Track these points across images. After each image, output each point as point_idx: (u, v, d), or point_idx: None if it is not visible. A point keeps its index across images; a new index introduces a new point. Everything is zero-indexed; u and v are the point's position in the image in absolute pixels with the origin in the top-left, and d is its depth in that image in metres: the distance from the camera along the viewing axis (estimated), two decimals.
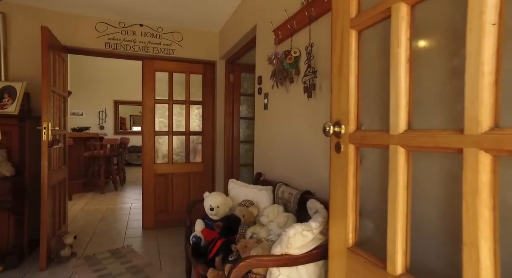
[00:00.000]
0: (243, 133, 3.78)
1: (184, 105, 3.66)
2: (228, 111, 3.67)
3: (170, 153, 3.60)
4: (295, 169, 1.83)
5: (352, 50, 0.98)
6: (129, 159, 9.32)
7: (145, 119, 3.50)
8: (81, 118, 8.72)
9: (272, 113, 2.14)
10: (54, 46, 2.65)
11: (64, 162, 3.01)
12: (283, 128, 1.98)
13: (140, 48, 3.35)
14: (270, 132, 2.18)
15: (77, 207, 4.48)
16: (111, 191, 5.68)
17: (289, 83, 1.80)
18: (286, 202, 1.73)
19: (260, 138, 2.38)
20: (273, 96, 2.11)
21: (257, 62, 2.43)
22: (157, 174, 3.55)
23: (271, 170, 2.17)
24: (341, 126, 1.02)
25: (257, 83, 2.39)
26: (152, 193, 3.53)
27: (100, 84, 9.07)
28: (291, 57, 1.74)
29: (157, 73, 3.52)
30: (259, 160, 2.40)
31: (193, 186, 3.70)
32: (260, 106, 2.34)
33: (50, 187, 2.49)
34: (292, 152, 1.86)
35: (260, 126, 2.38)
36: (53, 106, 2.63)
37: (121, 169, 6.30)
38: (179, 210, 3.64)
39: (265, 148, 2.27)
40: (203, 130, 3.74)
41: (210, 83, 3.74)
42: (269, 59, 1.97)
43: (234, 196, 2.10)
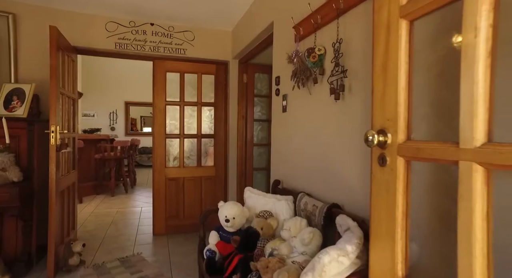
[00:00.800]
0: (256, 136, 3.63)
1: (196, 107, 3.54)
2: (241, 113, 3.53)
3: (181, 156, 3.48)
4: (319, 178, 1.66)
5: (401, 44, 0.82)
6: (140, 160, 9.30)
7: (156, 122, 3.39)
8: (93, 119, 8.75)
9: (292, 116, 1.98)
10: (63, 46, 2.56)
11: (73, 165, 2.92)
12: (304, 132, 1.82)
13: (151, 48, 3.25)
14: (289, 136, 2.02)
15: (88, 210, 4.42)
16: (122, 193, 5.62)
17: (313, 84, 1.64)
18: (310, 214, 1.56)
19: (278, 142, 2.22)
20: (293, 98, 1.95)
21: (274, 62, 2.28)
22: (168, 178, 3.44)
23: (290, 178, 2.01)
24: (386, 135, 0.86)
25: (274, 84, 2.24)
26: (162, 198, 3.42)
27: (111, 86, 9.09)
28: (315, 55, 1.58)
29: (168, 74, 3.41)
30: (276, 166, 2.24)
31: (205, 191, 3.57)
32: (278, 108, 2.18)
33: (58, 193, 2.40)
34: (316, 159, 1.70)
35: (277, 130, 2.22)
36: (62, 108, 2.54)
37: (132, 171, 6.24)
38: (190, 216, 3.51)
39: (284, 153, 2.11)
40: (215, 133, 3.61)
41: (223, 84, 3.60)
42: (289, 58, 1.82)
43: (250, 205, 1.95)
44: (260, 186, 3.68)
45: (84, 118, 8.43)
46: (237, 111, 3.54)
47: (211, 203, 3.58)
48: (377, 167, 0.90)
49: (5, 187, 2.22)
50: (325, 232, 1.43)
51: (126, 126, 9.50)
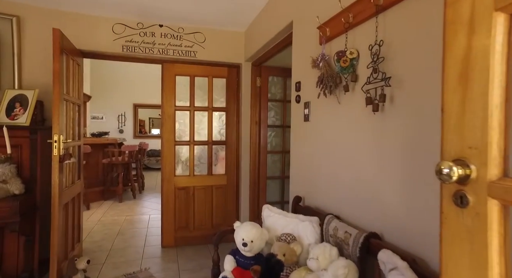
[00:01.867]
0: (270, 143, 3.44)
1: (207, 112, 3.36)
2: (254, 118, 3.34)
3: (191, 164, 3.31)
4: (350, 200, 1.46)
5: (495, 48, 0.61)
6: (148, 163, 9.21)
7: (165, 128, 3.22)
8: (101, 122, 8.69)
9: (316, 127, 1.77)
10: (68, 49, 2.41)
11: (78, 175, 2.77)
12: (331, 145, 1.61)
13: (160, 50, 3.08)
14: (312, 148, 1.81)
15: (95, 218, 4.28)
16: (129, 199, 5.49)
17: (343, 92, 1.44)
18: (341, 243, 1.36)
19: (298, 154, 2.02)
20: (317, 107, 1.75)
21: (294, 66, 2.08)
22: (177, 187, 3.27)
23: (313, 195, 1.81)
24: (468, 167, 0.65)
25: (294, 90, 2.04)
26: (171, 208, 3.25)
27: (120, 88, 9.02)
28: (346, 59, 1.38)
29: (177, 77, 3.24)
30: (296, 181, 2.04)
31: (216, 200, 3.39)
32: (298, 117, 1.98)
33: (61, 207, 2.24)
34: (345, 177, 1.49)
35: (297, 141, 2.02)
36: (66, 116, 2.39)
37: (140, 175, 6.12)
38: (200, 227, 3.34)
39: (305, 166, 1.91)
40: (227, 139, 3.43)
41: (235, 87, 3.42)
42: (313, 63, 1.61)
43: (270, 226, 1.75)
44: (274, 195, 3.48)
45: (93, 121, 8.37)
46: (250, 117, 3.35)
47: (222, 213, 3.40)
48: (451, 207, 0.70)
49: (4, 201, 2.07)
50: (361, 266, 1.23)
51: (134, 128, 9.43)
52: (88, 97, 6.99)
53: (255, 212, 3.36)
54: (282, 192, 3.49)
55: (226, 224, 3.37)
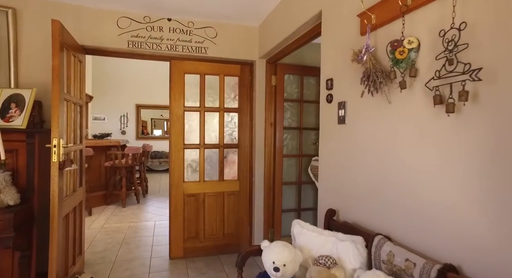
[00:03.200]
0: (286, 146, 3.19)
1: (218, 113, 3.12)
2: (269, 120, 3.10)
3: (201, 169, 3.07)
4: (406, 219, 1.21)
5: None
6: (151, 165, 8.97)
7: (173, 130, 2.98)
8: (103, 123, 8.47)
9: (354, 130, 1.53)
10: (69, 44, 2.18)
11: (80, 182, 2.54)
12: (377, 154, 1.37)
13: (168, 46, 2.85)
14: (349, 156, 1.57)
15: (97, 224, 4.04)
16: (133, 203, 5.25)
17: (398, 89, 1.19)
18: (401, 272, 1.11)
19: (329, 161, 1.77)
20: (358, 107, 1.50)
21: (324, 61, 1.84)
22: (186, 194, 3.03)
23: (349, 208, 1.57)
24: None
25: (324, 88, 1.80)
26: (180, 216, 3.01)
27: (122, 88, 8.80)
28: (403, 50, 1.13)
29: (186, 76, 3.01)
30: (327, 191, 1.80)
31: (227, 208, 3.15)
32: (330, 119, 1.74)
33: (61, 218, 2.01)
34: (399, 192, 1.25)
35: (329, 146, 1.77)
36: (67, 117, 2.16)
37: (144, 178, 5.88)
38: (211, 237, 3.10)
39: (338, 175, 1.67)
40: (240, 142, 3.19)
41: (248, 87, 3.18)
42: (355, 56, 1.37)
43: (303, 245, 1.51)
44: (290, 202, 3.24)
45: (95, 122, 8.14)
46: (264, 118, 3.11)
47: (234, 222, 3.16)
48: None
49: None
50: None
51: (137, 129, 9.20)
52: (90, 98, 6.76)
53: (269, 221, 3.12)
54: (298, 198, 3.25)
55: (239, 233, 3.14)
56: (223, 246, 3.12)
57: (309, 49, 3.15)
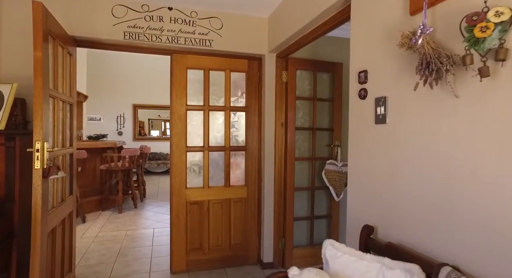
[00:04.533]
0: (298, 148, 2.92)
1: (223, 112, 2.84)
2: (280, 119, 2.82)
3: (205, 174, 2.79)
4: (488, 245, 0.94)
5: None
6: (149, 167, 8.67)
7: (174, 131, 2.70)
8: (99, 123, 8.15)
9: (400, 131, 1.26)
10: (56, 34, 1.89)
11: (70, 190, 2.25)
12: (440, 160, 1.09)
13: (169, 38, 2.57)
14: (392, 162, 1.30)
15: (91, 233, 3.75)
16: (130, 209, 4.95)
17: (475, 79, 0.92)
18: None
19: (362, 166, 1.50)
20: (407, 103, 1.23)
21: (355, 50, 1.57)
22: (189, 201, 2.75)
23: (394, 225, 1.29)
24: None
25: (356, 82, 1.53)
26: (183, 226, 2.73)
27: (119, 87, 8.49)
28: (488, 25, 0.87)
29: (188, 71, 2.73)
30: (358, 201, 1.52)
31: (234, 217, 2.87)
32: (363, 117, 1.47)
33: (45, 235, 1.72)
34: (478, 209, 0.98)
35: (361, 149, 1.50)
36: (53, 117, 1.87)
37: (141, 182, 5.59)
38: (216, 248, 2.82)
39: (377, 183, 1.39)
40: (247, 144, 2.91)
41: (256, 83, 2.91)
42: (406, 40, 1.10)
43: (339, 273, 1.23)
44: (302, 209, 2.97)
45: (90, 123, 7.83)
46: (275, 118, 2.84)
47: (241, 231, 2.88)
48: None
49: None
50: None
51: (134, 130, 8.89)
52: (85, 97, 6.45)
53: (280, 230, 2.85)
54: (311, 205, 2.97)
55: (246, 244, 2.86)
56: (229, 258, 2.84)
57: (322, 43, 2.89)
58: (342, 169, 2.86)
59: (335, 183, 2.86)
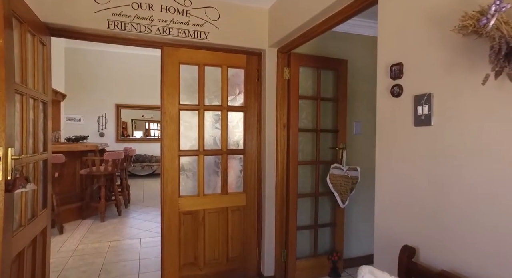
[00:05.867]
0: (301, 151, 2.70)
1: (220, 112, 2.59)
2: (282, 120, 2.60)
3: (200, 180, 2.52)
4: None
5: None
6: (133, 169, 8.25)
7: (166, 133, 2.42)
8: (78, 124, 7.65)
9: (452, 136, 1.05)
10: (23, 18, 1.58)
11: (44, 203, 1.92)
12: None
13: (160, 29, 2.29)
14: (439, 171, 1.09)
15: (69, 246, 3.38)
16: (114, 216, 4.59)
17: None
18: None
19: (395, 175, 1.29)
20: (463, 101, 1.01)
21: (385, 39, 1.36)
22: (182, 211, 2.47)
23: (446, 246, 1.08)
24: None
25: (388, 78, 1.31)
26: (175, 239, 2.44)
27: (100, 86, 8.02)
28: None
29: (181, 67, 2.45)
30: (391, 215, 1.31)
31: (232, 227, 2.62)
32: (397, 118, 1.26)
33: (10, 261, 1.41)
34: None
35: (394, 154, 1.29)
36: (21, 117, 1.56)
37: (126, 186, 5.22)
38: (213, 262, 2.55)
39: (420, 197, 1.18)
40: (246, 147, 2.66)
41: (256, 81, 2.67)
42: (470, 21, 0.89)
43: None
44: (305, 217, 2.75)
45: (69, 123, 7.33)
46: (276, 118, 2.61)
47: (240, 243, 2.63)
48: None
49: None
50: None
51: (117, 131, 8.43)
52: (63, 96, 6.00)
53: (282, 241, 2.62)
54: (315, 213, 2.76)
55: (245, 257, 2.62)
56: (227, 272, 2.59)
57: (325, 38, 2.69)
58: (347, 173, 2.67)
59: (340, 188, 2.66)
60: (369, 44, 2.95)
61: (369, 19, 2.84)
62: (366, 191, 2.95)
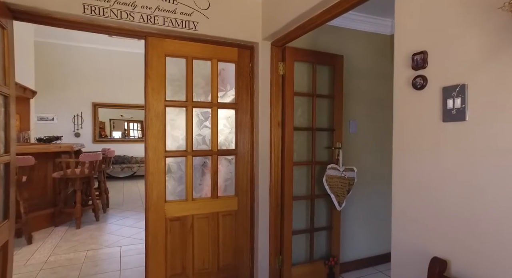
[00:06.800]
0: (296, 151, 2.55)
1: (210, 109, 2.39)
2: (276, 118, 2.44)
3: (188, 183, 2.31)
4: None
5: None
6: (112, 171, 7.83)
7: (151, 132, 2.19)
8: (52, 124, 7.17)
9: (494, 133, 0.93)
10: None
11: (5, 213, 1.65)
12: None
13: (144, 17, 2.06)
14: (482, 172, 0.96)
15: (39, 257, 3.05)
16: (91, 222, 4.26)
17: None
18: None
19: (418, 177, 1.16)
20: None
21: (405, 25, 1.22)
22: (169, 218, 2.25)
23: (491, 263, 0.95)
24: None
25: (409, 68, 1.17)
26: (161, 248, 2.22)
27: (75, 83, 7.56)
28: None
29: (167, 59, 2.23)
30: (415, 224, 1.17)
31: (223, 233, 2.43)
32: (423, 113, 1.13)
33: None
34: None
35: (419, 154, 1.15)
36: None
37: (104, 190, 4.88)
38: (202, 272, 2.35)
39: (452, 202, 1.05)
40: (238, 147, 2.48)
41: (248, 76, 2.49)
42: None
43: None
44: (300, 221, 2.61)
45: (41, 123, 6.84)
46: (270, 116, 2.45)
47: (232, 250, 2.45)
48: None
49: None
50: None
51: (94, 132, 7.99)
52: (33, 93, 5.54)
53: (277, 246, 2.46)
54: (311, 216, 2.62)
55: (237, 265, 2.44)
56: None
57: (320, 31, 2.56)
58: (344, 174, 2.55)
59: (337, 190, 2.54)
60: (365, 40, 2.86)
61: (365, 14, 2.74)
62: (362, 192, 2.85)
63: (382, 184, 2.93)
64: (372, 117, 2.90)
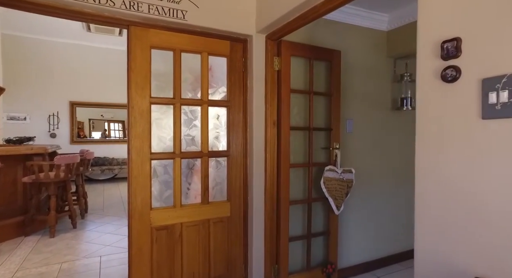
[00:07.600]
0: (293, 153, 2.39)
1: (200, 107, 2.19)
2: (271, 117, 2.27)
3: (176, 188, 2.10)
4: None
5: None
6: (91, 174, 7.42)
7: (134, 132, 1.96)
8: (24, 124, 6.69)
9: None
10: None
11: None
12: None
13: (126, 3, 1.84)
14: None
15: (3, 274, 2.73)
16: (67, 230, 3.93)
17: None
18: None
19: (451, 182, 1.02)
20: None
21: (431, 7, 1.07)
22: (155, 226, 2.03)
23: None
24: None
25: (438, 58, 1.03)
26: (147, 261, 2.00)
27: (50, 81, 7.10)
28: None
29: (153, 51, 2.02)
30: (448, 236, 1.03)
31: (215, 242, 2.23)
32: (455, 109, 0.99)
33: None
34: None
35: (451, 156, 1.02)
36: None
37: (82, 194, 4.54)
38: None
39: (495, 211, 0.92)
40: (230, 148, 2.29)
41: (240, 71, 2.31)
42: None
43: None
44: (296, 226, 2.45)
45: (10, 123, 6.36)
46: (265, 115, 2.28)
47: (224, 260, 2.26)
48: None
49: None
50: None
51: (71, 132, 7.54)
52: (0, 90, 5.10)
53: (273, 255, 2.29)
54: (308, 221, 2.47)
55: (230, 276, 2.24)
56: None
57: (317, 25, 2.43)
58: (343, 176, 2.42)
59: (335, 193, 2.40)
60: (361, 36, 2.74)
61: (362, 8, 2.63)
62: (359, 194, 2.73)
63: (379, 186, 2.83)
64: (368, 116, 2.79)
